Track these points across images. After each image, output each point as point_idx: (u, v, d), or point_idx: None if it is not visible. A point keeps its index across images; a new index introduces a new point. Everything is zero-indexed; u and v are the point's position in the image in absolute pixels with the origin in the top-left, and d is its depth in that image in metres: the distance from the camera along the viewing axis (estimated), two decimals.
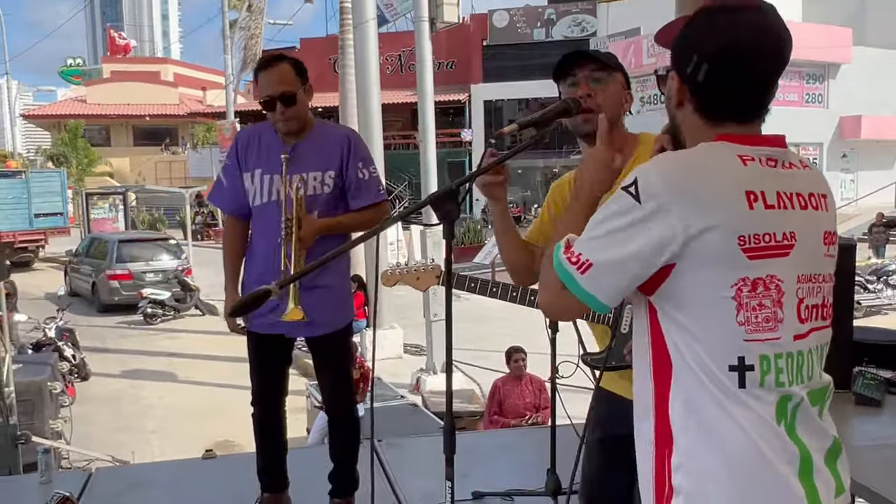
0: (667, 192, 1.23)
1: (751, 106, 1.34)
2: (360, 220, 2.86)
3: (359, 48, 10.46)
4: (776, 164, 1.30)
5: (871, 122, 24.85)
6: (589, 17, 33.33)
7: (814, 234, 1.31)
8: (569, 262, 1.30)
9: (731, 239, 1.22)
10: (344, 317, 2.94)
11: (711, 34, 1.30)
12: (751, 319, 1.24)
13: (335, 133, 2.93)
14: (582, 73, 1.95)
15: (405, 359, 10.92)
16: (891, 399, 3.85)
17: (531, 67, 34.94)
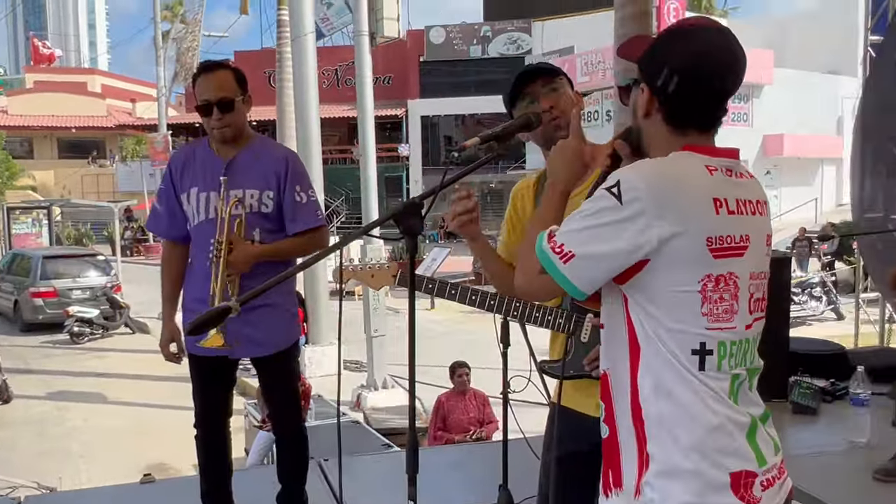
0: (647, 196, 1.36)
1: (711, 117, 1.48)
2: (298, 246, 2.81)
3: (297, 62, 10.36)
4: (732, 174, 1.46)
5: (793, 140, 25.86)
6: (524, 35, 33.86)
7: (760, 236, 1.48)
8: (552, 251, 1.42)
9: (700, 240, 1.38)
10: (290, 335, 2.88)
11: (683, 50, 1.44)
12: (713, 311, 1.40)
13: (274, 152, 2.85)
14: (536, 88, 1.97)
15: (345, 375, 10.79)
16: (825, 407, 4.00)
17: (468, 84, 35.26)
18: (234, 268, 2.63)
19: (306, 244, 2.79)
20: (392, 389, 9.23)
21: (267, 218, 2.74)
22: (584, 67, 27.79)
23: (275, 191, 2.73)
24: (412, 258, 1.62)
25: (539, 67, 2.02)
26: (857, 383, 3.44)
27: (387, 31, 9.28)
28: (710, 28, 1.46)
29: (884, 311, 6.47)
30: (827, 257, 17.63)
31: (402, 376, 10.02)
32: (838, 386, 4.13)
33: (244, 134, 2.79)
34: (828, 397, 4.05)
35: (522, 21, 33.61)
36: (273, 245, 2.74)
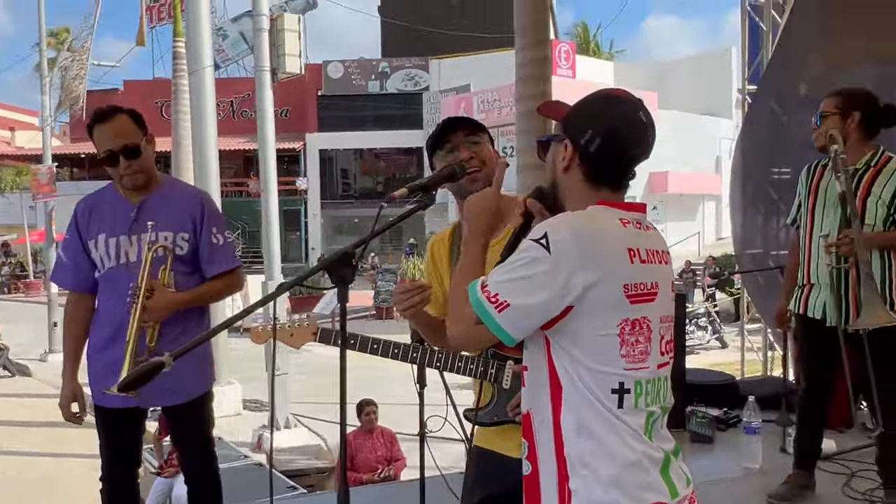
0: (572, 247, 1.47)
1: (624, 177, 1.63)
2: (217, 290, 2.77)
3: (195, 95, 10.14)
4: (641, 226, 1.61)
5: (676, 177, 27.28)
6: (422, 72, 34.38)
7: (667, 283, 1.62)
8: (487, 301, 1.50)
9: (618, 287, 1.50)
10: (205, 382, 2.81)
11: (607, 116, 1.60)
12: (630, 353, 1.52)
13: (187, 194, 2.81)
14: (457, 138, 2.04)
15: (245, 415, 10.48)
16: (720, 435, 4.23)
17: (366, 118, 35.40)
18: (153, 315, 2.56)
19: (224, 287, 2.76)
20: (295, 429, 9.05)
21: (181, 260, 2.68)
22: (480, 105, 28.48)
23: (190, 233, 2.69)
24: (343, 309, 1.64)
25: (463, 119, 2.08)
26: (749, 412, 3.66)
27: (289, 68, 9.22)
28: (631, 101, 1.62)
29: (766, 341, 6.90)
30: (711, 289, 18.61)
31: (305, 415, 9.84)
32: (731, 414, 4.38)
33: (154, 178, 2.74)
34: (722, 426, 4.29)
35: (420, 58, 34.14)
36: (192, 292, 2.69)
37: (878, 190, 3.05)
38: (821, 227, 3.17)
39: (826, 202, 3.17)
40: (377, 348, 2.05)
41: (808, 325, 3.24)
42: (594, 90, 1.69)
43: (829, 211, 3.14)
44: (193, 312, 2.69)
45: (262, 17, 9.37)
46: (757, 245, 6.51)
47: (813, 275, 3.20)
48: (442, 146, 2.06)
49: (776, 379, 5.44)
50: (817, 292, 3.19)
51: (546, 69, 5.70)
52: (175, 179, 2.97)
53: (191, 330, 2.68)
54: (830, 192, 3.16)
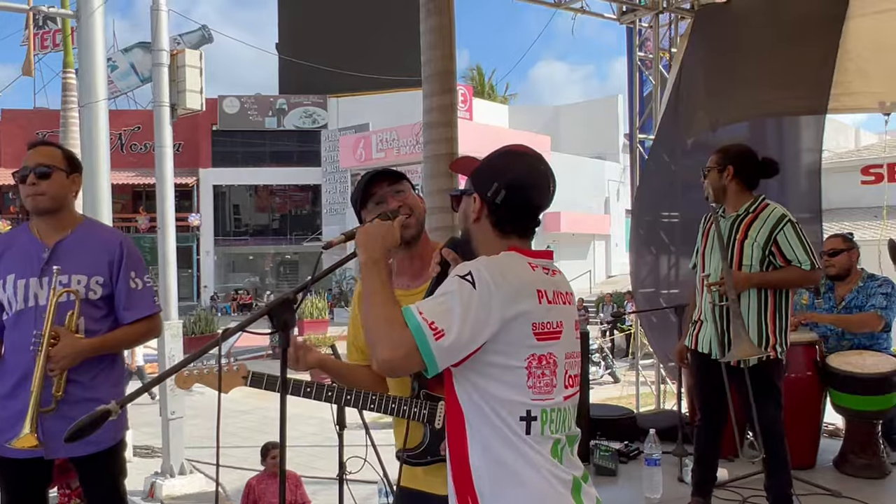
0: (493, 284, 1.59)
1: (530, 226, 1.79)
2: (131, 336, 2.70)
3: (86, 128, 9.76)
4: (548, 271, 1.75)
5: (568, 217, 28.30)
6: (320, 109, 34.36)
7: (571, 322, 1.76)
8: (428, 327, 1.56)
9: (528, 325, 1.63)
10: (116, 433, 2.70)
11: (510, 169, 1.75)
12: (536, 384, 1.64)
13: (105, 236, 2.74)
14: (383, 190, 2.11)
15: (135, 462, 9.98)
16: (623, 468, 4.42)
17: (262, 154, 34.94)
18: (58, 363, 2.47)
19: (140, 334, 2.70)
20: (191, 475, 8.70)
21: (94, 305, 2.61)
22: (378, 144, 28.69)
23: (105, 276, 2.62)
24: (284, 354, 1.67)
25: (385, 171, 2.15)
26: (650, 445, 3.86)
27: (189, 104, 9.03)
28: (532, 155, 1.79)
29: (659, 375, 7.25)
30: (605, 325, 19.31)
31: (200, 460, 9.48)
32: (632, 447, 4.59)
33: (66, 212, 2.67)
34: (623, 458, 4.48)
35: (318, 96, 34.14)
36: (103, 338, 2.60)
37: (754, 234, 3.37)
38: (708, 269, 3.47)
39: (712, 247, 3.47)
40: (310, 391, 2.08)
41: (698, 358, 3.53)
42: (490, 131, 1.87)
43: (715, 254, 3.44)
44: (105, 359, 2.62)
45: (161, 52, 9.16)
46: (649, 284, 6.88)
47: (703, 312, 3.49)
48: (368, 199, 2.12)
49: (671, 412, 5.72)
50: (705, 328, 3.48)
51: (452, 115, 5.90)
52: (94, 222, 2.87)
53: (104, 377, 2.61)
54: (716, 236, 3.46)
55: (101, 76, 10.06)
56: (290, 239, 36.60)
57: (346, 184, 31.52)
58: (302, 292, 1.68)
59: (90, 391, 2.56)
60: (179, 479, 8.62)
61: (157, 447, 9.55)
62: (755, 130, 6.12)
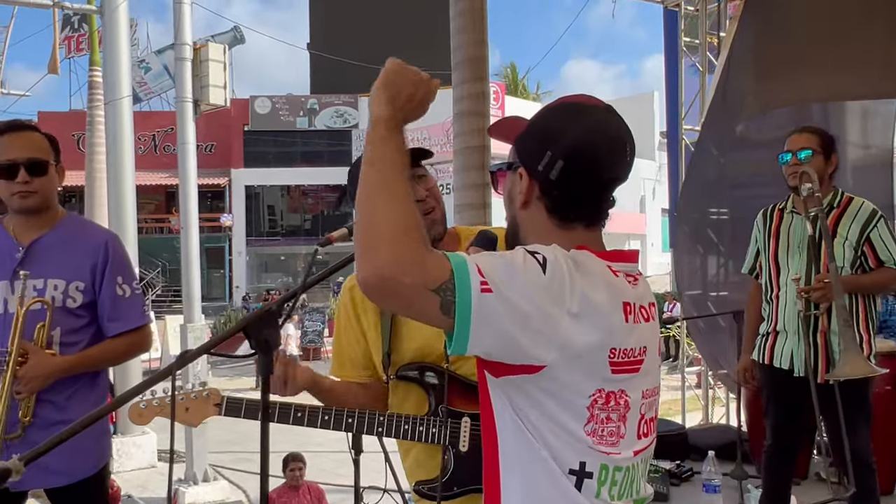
0: (569, 282, 1.13)
1: (601, 209, 1.28)
2: (116, 352, 2.36)
3: (111, 126, 9.60)
4: (631, 278, 1.27)
5: None
6: (351, 109, 34.23)
7: (655, 347, 1.30)
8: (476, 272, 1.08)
9: (604, 350, 1.17)
10: (97, 460, 2.37)
11: (568, 131, 1.23)
12: (597, 431, 1.20)
13: (90, 235, 2.40)
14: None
15: (160, 467, 9.76)
16: (675, 491, 3.98)
17: (293, 154, 34.93)
18: (26, 385, 2.14)
19: (126, 349, 2.35)
20: (215, 482, 8.43)
21: (74, 315, 2.28)
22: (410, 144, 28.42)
23: (87, 282, 2.29)
24: (266, 381, 1.29)
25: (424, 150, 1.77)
26: (709, 470, 3.43)
27: (212, 99, 8.77)
28: (597, 107, 1.27)
29: (706, 383, 6.77)
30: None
31: (224, 466, 9.22)
32: (684, 467, 4.16)
33: (51, 209, 2.34)
34: (675, 480, 4.05)
35: (349, 95, 34.00)
36: (80, 356, 2.27)
37: (844, 231, 2.92)
38: (787, 272, 3.00)
39: (790, 246, 3.01)
40: (301, 417, 1.71)
41: (774, 375, 3.05)
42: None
43: (795, 255, 2.98)
44: (85, 375, 2.29)
45: (184, 47, 8.91)
46: (696, 286, 6.41)
47: (780, 322, 3.02)
48: None
49: (725, 427, 5.27)
50: (783, 340, 3.01)
51: (484, 105, 5.52)
52: (82, 219, 2.54)
53: (82, 396, 2.27)
54: (794, 234, 3.00)
55: (126, 73, 9.88)
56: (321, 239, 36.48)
57: None
58: (289, 302, 1.30)
59: (65, 413, 2.24)
60: (203, 486, 8.36)
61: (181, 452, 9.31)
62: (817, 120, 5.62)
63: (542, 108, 1.31)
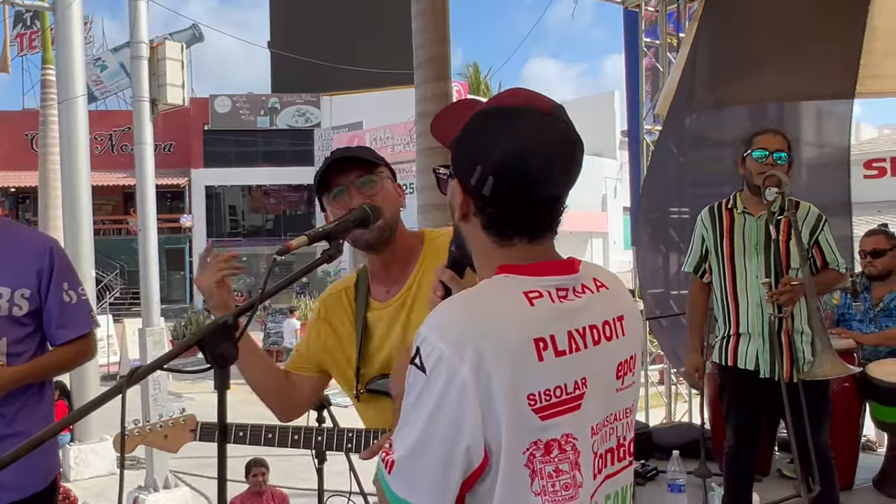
0: (450, 355, 1.00)
1: (544, 224, 1.15)
2: (64, 360, 2.30)
3: (65, 126, 9.37)
4: (566, 294, 1.12)
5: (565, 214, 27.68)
6: (313, 108, 33.95)
7: (606, 371, 1.14)
8: (382, 457, 1.06)
9: (521, 400, 1.02)
10: (44, 474, 2.30)
11: (498, 142, 1.08)
12: (547, 488, 1.04)
13: (31, 241, 2.31)
14: (346, 179, 1.68)
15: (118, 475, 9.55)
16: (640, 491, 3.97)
17: (255, 154, 34.55)
18: None
19: (74, 356, 2.29)
20: (176, 489, 8.28)
21: (19, 323, 2.19)
22: (373, 143, 28.26)
23: (33, 289, 2.20)
24: (222, 396, 1.24)
25: (354, 156, 1.71)
26: (674, 470, 3.44)
27: (170, 99, 8.61)
28: (536, 110, 1.10)
29: (669, 380, 6.83)
30: None
31: (186, 472, 9.06)
32: (648, 466, 4.17)
33: None
34: (640, 480, 4.05)
35: (311, 95, 33.73)
36: (31, 365, 2.20)
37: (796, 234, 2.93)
38: (745, 275, 3.01)
39: (746, 248, 3.02)
40: (272, 437, 1.67)
41: (738, 377, 3.05)
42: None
43: (752, 257, 2.99)
44: (33, 386, 2.21)
45: (140, 45, 8.71)
46: (658, 284, 6.46)
47: (742, 324, 3.02)
48: (330, 189, 1.70)
49: (688, 426, 5.31)
50: (747, 342, 3.02)
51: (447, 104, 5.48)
52: (17, 225, 2.45)
53: (31, 408, 2.19)
54: (750, 236, 3.01)
55: (80, 71, 9.66)
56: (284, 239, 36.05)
57: None
58: (245, 314, 1.25)
59: (14, 425, 2.16)
60: (164, 493, 8.20)
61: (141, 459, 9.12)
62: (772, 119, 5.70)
63: (475, 113, 1.14)
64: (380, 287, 1.76)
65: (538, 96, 1.13)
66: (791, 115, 5.77)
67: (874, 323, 4.16)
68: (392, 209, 1.70)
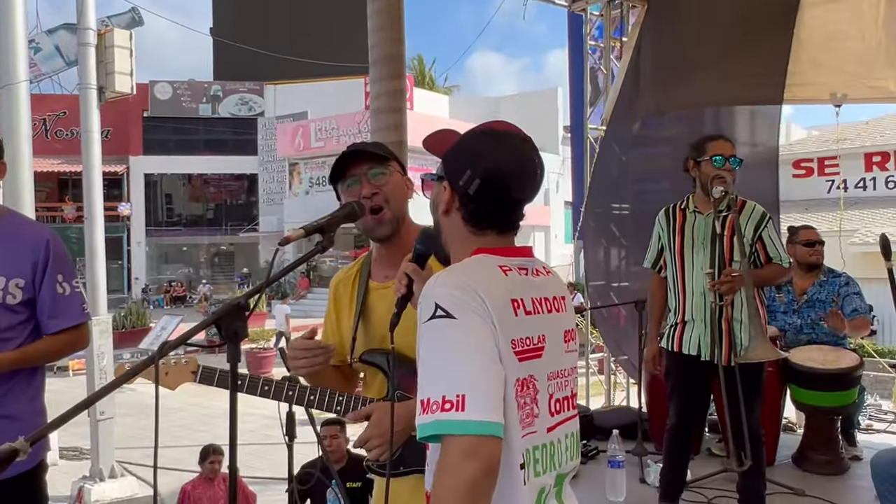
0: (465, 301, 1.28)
1: (509, 221, 1.46)
2: (55, 349, 2.36)
3: (6, 112, 9.15)
4: (527, 272, 1.44)
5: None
6: (256, 97, 33.56)
7: (558, 334, 1.45)
8: (441, 412, 1.20)
9: (508, 344, 1.31)
10: (35, 451, 2.31)
11: (486, 155, 1.42)
12: (522, 417, 1.31)
13: (31, 232, 2.38)
14: (360, 170, 1.87)
15: (61, 465, 9.46)
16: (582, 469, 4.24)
17: (196, 142, 33.96)
18: None
19: (65, 346, 2.36)
20: (122, 478, 8.25)
21: (12, 311, 2.27)
22: (317, 133, 28.13)
23: (28, 279, 2.28)
24: (234, 367, 1.42)
25: (364, 150, 1.89)
26: (613, 447, 3.71)
27: (118, 87, 8.52)
28: (516, 136, 1.46)
29: (608, 369, 7.16)
30: None
31: (133, 462, 9.04)
32: (590, 446, 4.45)
33: None
34: (583, 459, 4.33)
35: (255, 83, 33.32)
36: (22, 352, 2.28)
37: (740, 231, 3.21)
38: (693, 267, 3.29)
39: (695, 242, 3.30)
40: (268, 390, 1.84)
41: (682, 361, 3.33)
42: (432, 122, 1.53)
43: (699, 250, 3.27)
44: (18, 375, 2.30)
45: (88, 31, 8.62)
46: (600, 277, 6.77)
47: (688, 312, 3.31)
48: (345, 178, 1.89)
49: (626, 409, 5.63)
50: (691, 328, 3.30)
51: (401, 101, 5.64)
52: (20, 216, 2.48)
53: (18, 390, 2.29)
54: (698, 232, 3.29)
55: (22, 55, 9.44)
56: (225, 229, 35.72)
57: (284, 173, 30.86)
58: (255, 296, 1.43)
59: (2, 408, 2.25)
60: (110, 483, 8.17)
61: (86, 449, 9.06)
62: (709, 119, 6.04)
63: (468, 131, 1.50)
64: (381, 270, 1.94)
65: (516, 128, 1.48)
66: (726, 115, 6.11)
67: (798, 314, 4.50)
68: (399, 200, 1.89)
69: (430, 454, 1.36)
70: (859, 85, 5.45)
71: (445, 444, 1.21)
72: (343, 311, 2.00)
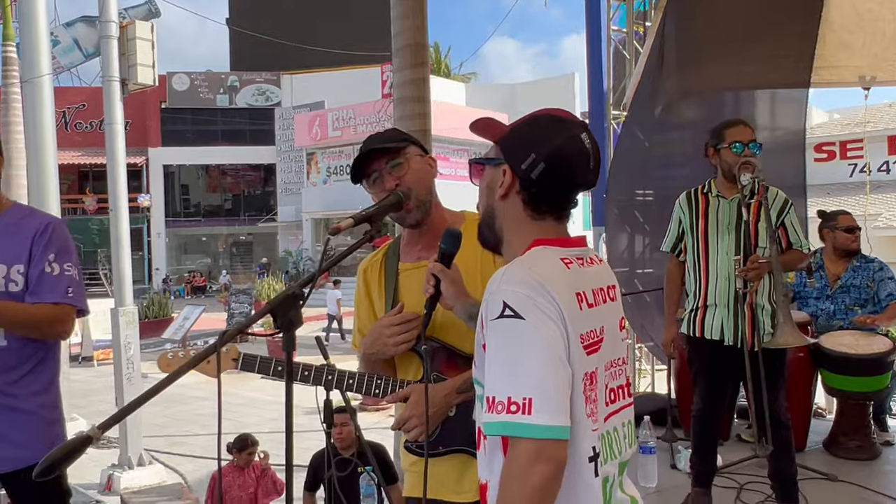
0: (536, 301, 1.27)
1: (567, 206, 1.47)
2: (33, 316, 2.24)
3: (30, 105, 9.26)
4: (584, 262, 1.44)
5: None
6: (273, 87, 33.62)
7: (614, 323, 1.45)
8: (507, 414, 1.20)
9: (577, 338, 1.31)
10: (45, 444, 2.27)
11: (551, 139, 1.42)
12: (592, 411, 1.32)
13: (35, 220, 2.36)
14: (379, 165, 1.89)
15: (91, 454, 9.59)
16: None
17: (213, 133, 34.12)
18: None
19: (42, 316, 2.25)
20: (150, 466, 8.37)
21: (15, 298, 2.25)
22: (335, 122, 28.16)
23: (25, 264, 2.27)
24: (289, 356, 1.44)
25: (376, 146, 1.89)
26: (644, 433, 3.71)
27: (141, 79, 8.58)
28: (577, 123, 1.46)
29: (633, 360, 7.15)
30: None
31: (159, 450, 9.16)
32: None
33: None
34: None
35: (271, 73, 33.39)
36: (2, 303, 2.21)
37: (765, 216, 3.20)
38: (717, 252, 3.27)
39: (719, 227, 3.28)
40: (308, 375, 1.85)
41: (705, 346, 3.32)
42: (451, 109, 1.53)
43: (724, 235, 3.25)
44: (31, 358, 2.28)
45: (110, 24, 8.69)
46: (624, 264, 6.74)
47: (710, 296, 3.29)
48: (368, 176, 1.91)
49: (654, 395, 5.62)
50: (713, 313, 3.28)
51: (425, 90, 5.64)
52: (29, 208, 2.49)
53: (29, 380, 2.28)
54: (723, 217, 3.27)
55: (45, 50, 9.54)
56: (243, 219, 35.93)
57: (302, 163, 30.96)
58: (309, 286, 1.45)
59: (9, 398, 2.24)
60: (138, 471, 8.29)
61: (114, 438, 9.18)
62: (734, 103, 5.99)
63: (526, 116, 1.49)
64: (412, 251, 1.97)
65: (573, 115, 1.49)
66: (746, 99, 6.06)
67: (831, 300, 4.48)
68: (422, 184, 1.89)
69: (489, 445, 1.36)
70: (889, 67, 5.38)
71: (512, 446, 1.22)
72: (375, 294, 2.03)
